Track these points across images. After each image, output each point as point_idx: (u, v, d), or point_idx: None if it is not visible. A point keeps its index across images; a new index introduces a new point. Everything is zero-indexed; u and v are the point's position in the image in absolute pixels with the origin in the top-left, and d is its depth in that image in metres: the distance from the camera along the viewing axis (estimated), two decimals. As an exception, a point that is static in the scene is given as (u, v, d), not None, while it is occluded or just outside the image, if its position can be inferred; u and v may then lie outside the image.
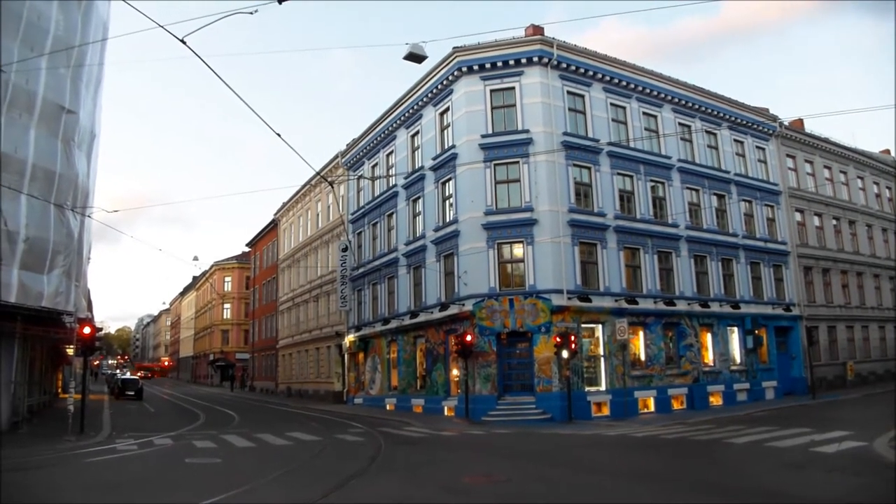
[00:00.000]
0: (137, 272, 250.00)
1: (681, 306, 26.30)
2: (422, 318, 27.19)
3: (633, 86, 27.06)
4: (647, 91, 27.54)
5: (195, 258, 62.56)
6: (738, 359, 28.38)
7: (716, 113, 30.10)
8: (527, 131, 24.32)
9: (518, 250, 24.05)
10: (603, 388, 23.73)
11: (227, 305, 71.49)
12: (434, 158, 26.91)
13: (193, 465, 12.83)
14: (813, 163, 35.01)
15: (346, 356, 35.72)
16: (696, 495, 9.00)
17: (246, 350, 64.22)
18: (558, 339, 21.68)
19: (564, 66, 25.16)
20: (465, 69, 25.24)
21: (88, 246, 24.73)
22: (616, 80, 26.60)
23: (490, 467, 12.07)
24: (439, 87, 26.62)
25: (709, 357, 27.27)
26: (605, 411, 23.15)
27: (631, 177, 26.36)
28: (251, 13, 10.15)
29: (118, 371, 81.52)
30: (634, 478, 10.54)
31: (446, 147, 26.25)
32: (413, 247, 28.42)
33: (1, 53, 16.85)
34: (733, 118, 30.80)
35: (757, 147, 32.11)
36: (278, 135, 13.29)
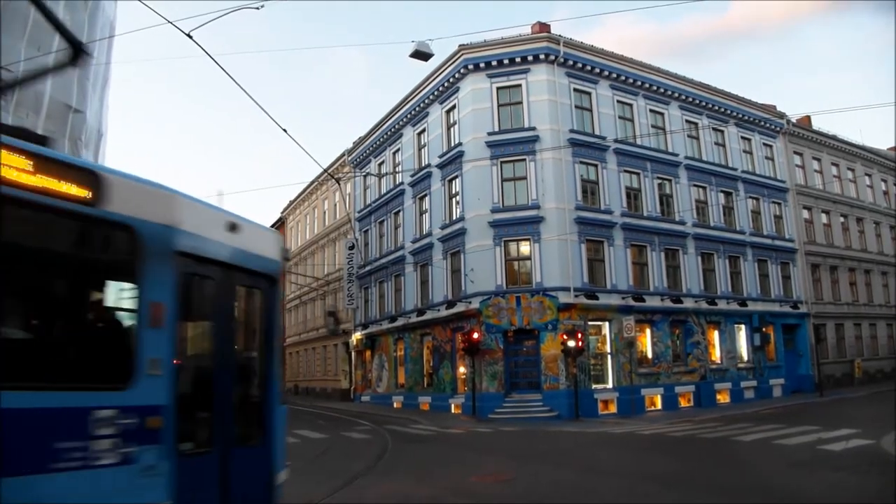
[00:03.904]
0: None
1: (688, 304, 26.24)
2: (428, 315, 27.21)
3: (639, 83, 26.98)
4: (654, 88, 27.46)
5: (202, 256, 63.16)
6: (745, 356, 28.30)
7: (723, 110, 29.98)
8: (533, 129, 24.28)
9: (525, 248, 24.04)
10: (610, 385, 23.71)
11: (233, 303, 71.53)
12: (440, 156, 26.91)
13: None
14: (820, 160, 34.86)
15: (353, 354, 35.78)
16: (703, 494, 8.98)
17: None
18: (565, 337, 21.67)
19: (571, 63, 25.11)
20: (471, 67, 25.21)
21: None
22: (623, 78, 26.53)
23: (497, 466, 12.08)
24: (445, 84, 26.61)
25: (716, 354, 27.21)
26: (612, 409, 23.13)
27: (638, 174, 26.29)
28: (257, 8, 10.18)
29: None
30: (642, 476, 10.52)
31: (453, 145, 26.24)
32: (420, 244, 28.42)
33: (1, 52, 16.90)
34: (740, 115, 30.67)
35: (764, 144, 31.98)
36: (284, 130, 13.26)
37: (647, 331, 25.17)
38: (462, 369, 24.87)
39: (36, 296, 4.24)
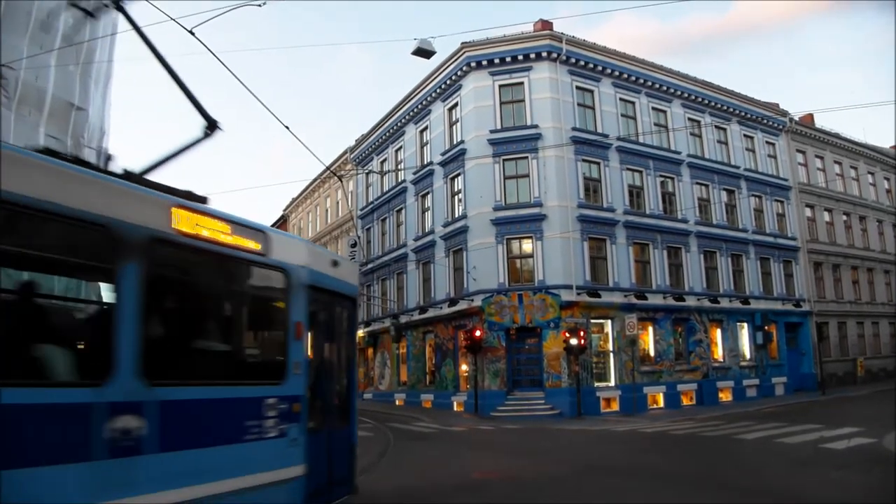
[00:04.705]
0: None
1: (690, 302, 26.23)
2: (431, 313, 27.23)
3: (642, 81, 26.94)
4: (657, 86, 27.42)
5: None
6: (747, 354, 28.29)
7: (725, 108, 29.94)
8: (535, 126, 24.27)
9: (527, 246, 24.04)
10: (612, 383, 23.72)
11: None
12: (443, 154, 26.90)
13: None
14: (823, 158, 34.79)
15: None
16: (704, 492, 8.98)
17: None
18: (567, 335, 21.69)
19: (573, 61, 25.09)
20: (473, 64, 25.20)
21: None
22: (625, 76, 26.49)
23: (500, 463, 12.09)
24: (448, 82, 26.59)
25: (718, 353, 27.20)
26: (615, 407, 23.14)
27: (640, 172, 26.27)
28: (259, 5, 10.16)
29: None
30: (644, 474, 10.52)
31: (455, 142, 26.24)
32: (422, 242, 28.44)
33: (2, 50, 16.89)
34: (743, 113, 30.61)
35: (767, 142, 31.93)
36: (287, 127, 13.22)
37: (650, 329, 25.15)
38: (464, 367, 24.89)
39: (231, 320, 5.90)
